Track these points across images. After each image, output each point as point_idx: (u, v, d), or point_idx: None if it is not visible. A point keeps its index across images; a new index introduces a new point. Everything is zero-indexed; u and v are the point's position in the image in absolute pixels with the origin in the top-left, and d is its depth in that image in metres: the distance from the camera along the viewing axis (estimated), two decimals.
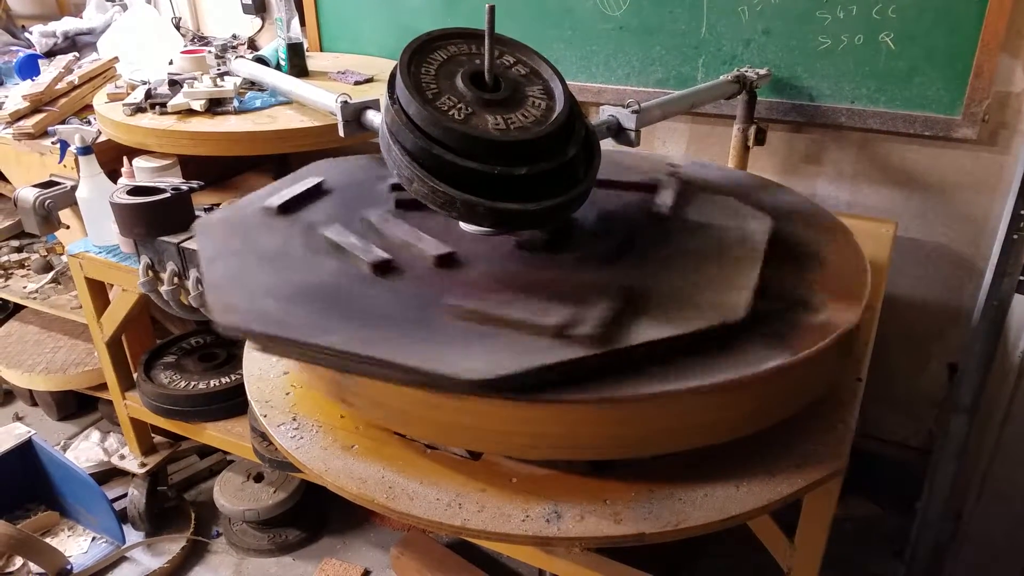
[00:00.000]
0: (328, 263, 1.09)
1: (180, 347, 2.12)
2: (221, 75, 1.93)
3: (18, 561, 1.99)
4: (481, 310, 0.97)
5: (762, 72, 1.78)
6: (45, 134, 2.08)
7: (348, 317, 0.96)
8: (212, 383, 1.95)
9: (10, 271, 2.43)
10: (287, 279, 1.05)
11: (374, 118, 1.36)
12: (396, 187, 1.29)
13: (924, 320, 1.94)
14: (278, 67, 2.09)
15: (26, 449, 2.13)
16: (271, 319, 0.94)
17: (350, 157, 1.50)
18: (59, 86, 2.16)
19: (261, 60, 2.08)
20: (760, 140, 1.79)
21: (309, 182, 1.34)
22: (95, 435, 2.44)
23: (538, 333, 0.92)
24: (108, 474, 2.30)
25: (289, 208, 1.26)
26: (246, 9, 2.55)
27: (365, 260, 1.07)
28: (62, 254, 2.41)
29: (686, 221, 1.24)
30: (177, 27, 2.64)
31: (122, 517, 2.13)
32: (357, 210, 1.24)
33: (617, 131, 1.38)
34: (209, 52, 2.14)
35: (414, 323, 0.95)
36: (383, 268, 1.07)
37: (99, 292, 1.91)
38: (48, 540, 2.05)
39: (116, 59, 2.28)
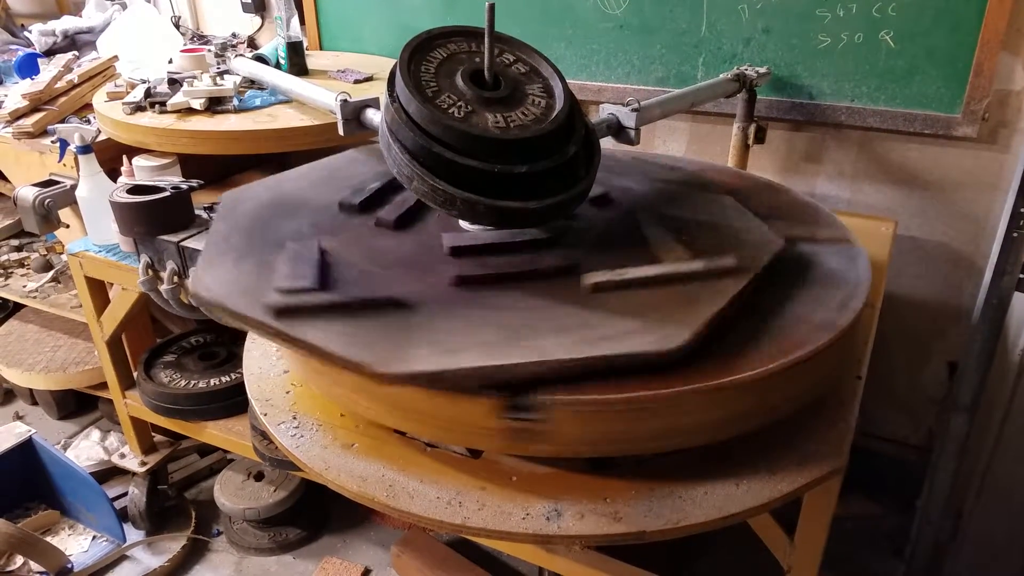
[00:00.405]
0: (343, 193, 1.29)
1: (180, 346, 2.12)
2: (221, 74, 1.93)
3: (19, 560, 1.99)
4: (293, 252, 1.08)
5: (762, 71, 1.78)
6: (45, 133, 2.07)
7: (253, 226, 1.18)
8: (212, 382, 1.95)
9: (10, 270, 2.43)
10: (298, 191, 1.32)
11: (374, 116, 1.36)
12: None
13: (924, 318, 1.94)
14: (278, 66, 2.09)
15: (26, 448, 2.13)
16: (232, 210, 1.23)
17: None
18: (59, 85, 2.16)
19: (261, 59, 2.08)
20: (760, 139, 1.79)
21: None
22: (95, 434, 2.44)
23: (273, 283, 1.01)
24: (108, 473, 2.30)
25: None
26: (246, 8, 2.55)
27: (342, 196, 1.27)
28: (62, 253, 2.40)
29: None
30: (177, 26, 2.63)
31: (122, 516, 2.13)
32: None
33: (617, 129, 1.38)
34: (209, 51, 2.14)
35: (262, 242, 1.12)
36: (344, 207, 1.25)
37: (99, 291, 1.91)
38: (49, 539, 2.05)
39: (116, 58, 2.28)
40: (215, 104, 1.85)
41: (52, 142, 2.01)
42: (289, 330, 0.92)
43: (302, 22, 2.37)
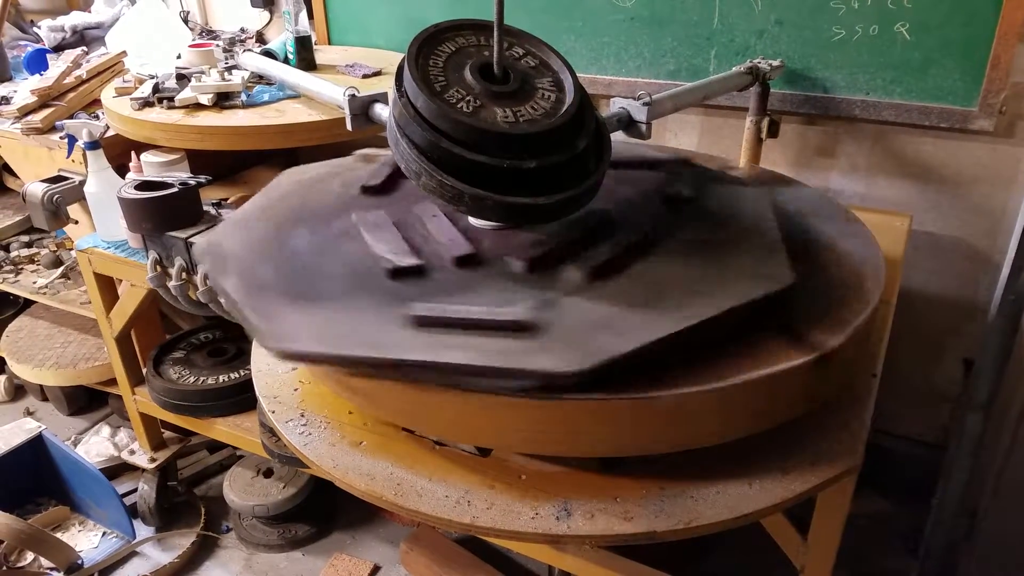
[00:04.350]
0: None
1: (189, 342, 2.12)
2: (229, 69, 1.93)
3: (28, 556, 2.00)
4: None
5: (775, 63, 1.75)
6: (53, 129, 2.07)
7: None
8: (221, 378, 1.95)
9: (20, 266, 2.44)
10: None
11: (382, 111, 1.36)
12: None
13: (939, 315, 1.92)
14: (286, 60, 2.08)
15: (37, 444, 2.13)
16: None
17: None
18: (67, 80, 2.16)
19: (269, 54, 2.07)
20: (773, 132, 1.77)
21: None
22: (105, 430, 2.44)
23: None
24: (118, 469, 2.30)
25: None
26: (254, 3, 2.54)
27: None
28: (71, 249, 2.41)
29: None
30: (185, 21, 2.63)
31: (132, 512, 2.13)
32: None
33: (628, 123, 1.37)
34: (217, 46, 2.13)
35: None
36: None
37: (108, 287, 1.91)
38: (58, 535, 2.06)
39: (124, 53, 2.28)
40: (223, 99, 1.84)
41: (61, 138, 2.00)
42: (434, 358, 0.88)
43: (310, 16, 2.36)
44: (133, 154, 1.80)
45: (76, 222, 2.02)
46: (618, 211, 1.20)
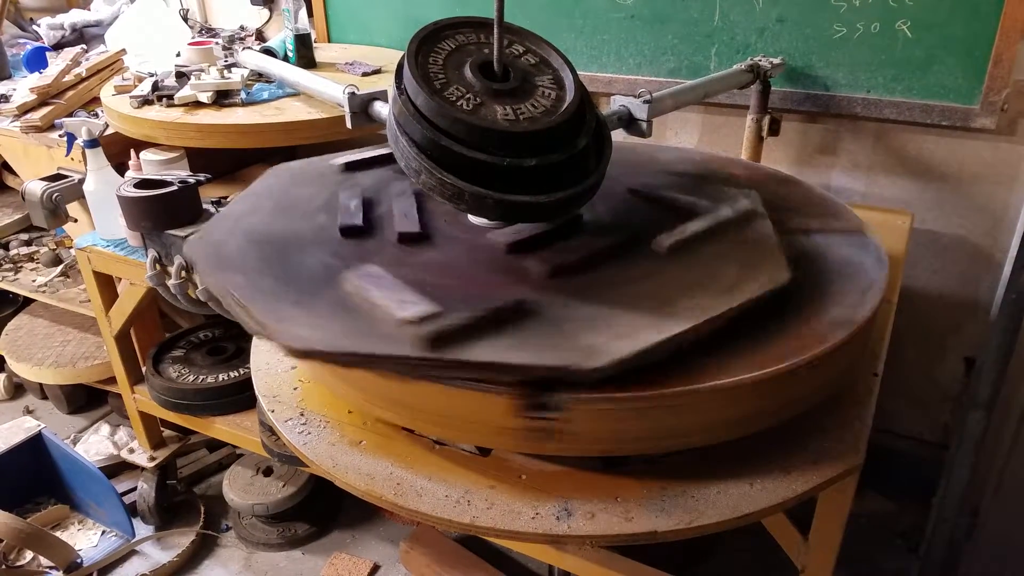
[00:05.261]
0: (318, 219, 1.17)
1: (189, 341, 2.11)
2: (228, 67, 1.92)
3: (28, 555, 2.00)
4: (356, 289, 0.98)
5: (776, 61, 1.75)
6: (52, 127, 2.07)
7: (268, 268, 1.03)
8: (221, 377, 1.94)
9: (19, 264, 2.43)
10: (267, 224, 1.15)
11: (382, 109, 1.35)
12: None
13: (941, 313, 1.91)
14: (286, 58, 2.08)
15: (36, 443, 2.13)
16: (221, 256, 1.05)
17: None
18: (66, 79, 2.15)
19: (268, 51, 2.07)
20: (774, 131, 1.77)
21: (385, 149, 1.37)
22: (105, 429, 2.44)
23: (385, 319, 0.92)
24: (118, 468, 2.30)
25: (353, 167, 1.35)
26: (254, 0, 2.54)
27: (339, 222, 1.14)
28: (71, 247, 2.40)
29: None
30: (184, 19, 2.62)
31: (131, 511, 2.13)
32: (397, 183, 1.28)
33: (628, 122, 1.36)
34: (216, 44, 2.12)
35: (306, 284, 1.00)
36: (350, 232, 1.12)
37: (107, 286, 1.90)
38: (58, 534, 2.05)
39: (123, 51, 2.27)
40: (222, 97, 1.84)
41: (60, 136, 2.00)
42: (459, 356, 0.86)
43: (310, 14, 2.35)
44: (132, 152, 1.80)
45: (75, 220, 2.02)
46: (609, 211, 1.20)
